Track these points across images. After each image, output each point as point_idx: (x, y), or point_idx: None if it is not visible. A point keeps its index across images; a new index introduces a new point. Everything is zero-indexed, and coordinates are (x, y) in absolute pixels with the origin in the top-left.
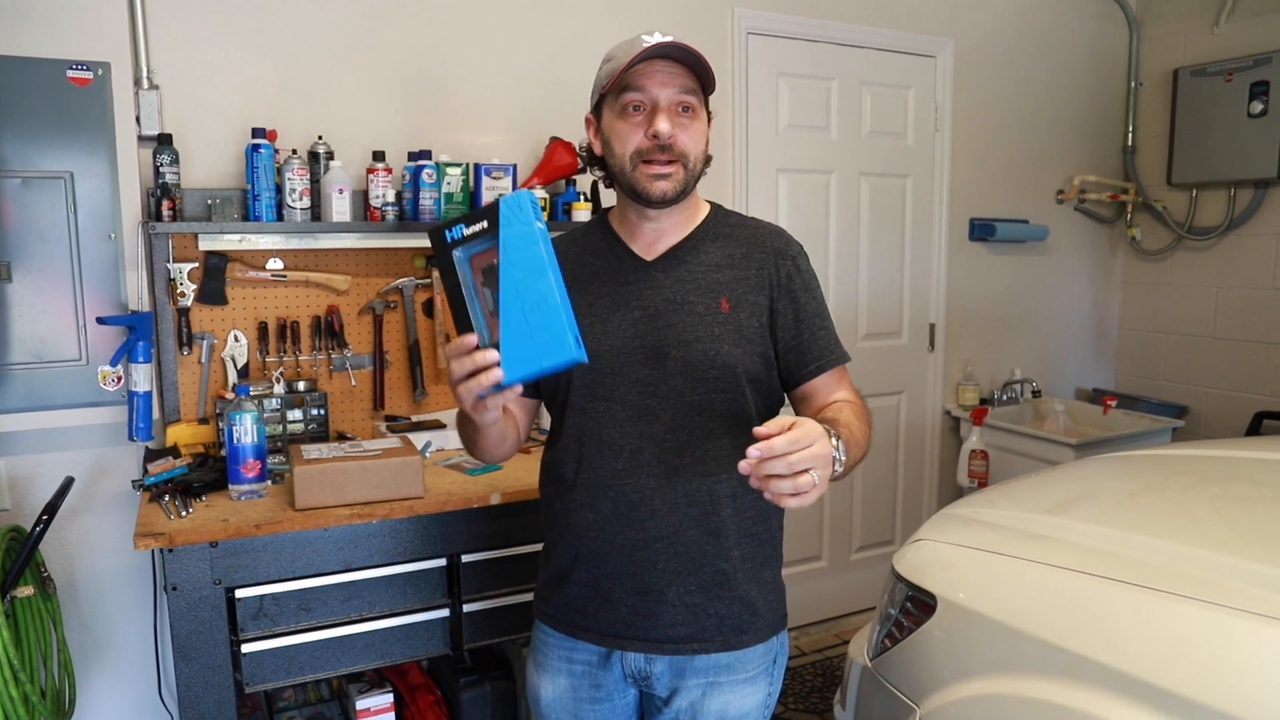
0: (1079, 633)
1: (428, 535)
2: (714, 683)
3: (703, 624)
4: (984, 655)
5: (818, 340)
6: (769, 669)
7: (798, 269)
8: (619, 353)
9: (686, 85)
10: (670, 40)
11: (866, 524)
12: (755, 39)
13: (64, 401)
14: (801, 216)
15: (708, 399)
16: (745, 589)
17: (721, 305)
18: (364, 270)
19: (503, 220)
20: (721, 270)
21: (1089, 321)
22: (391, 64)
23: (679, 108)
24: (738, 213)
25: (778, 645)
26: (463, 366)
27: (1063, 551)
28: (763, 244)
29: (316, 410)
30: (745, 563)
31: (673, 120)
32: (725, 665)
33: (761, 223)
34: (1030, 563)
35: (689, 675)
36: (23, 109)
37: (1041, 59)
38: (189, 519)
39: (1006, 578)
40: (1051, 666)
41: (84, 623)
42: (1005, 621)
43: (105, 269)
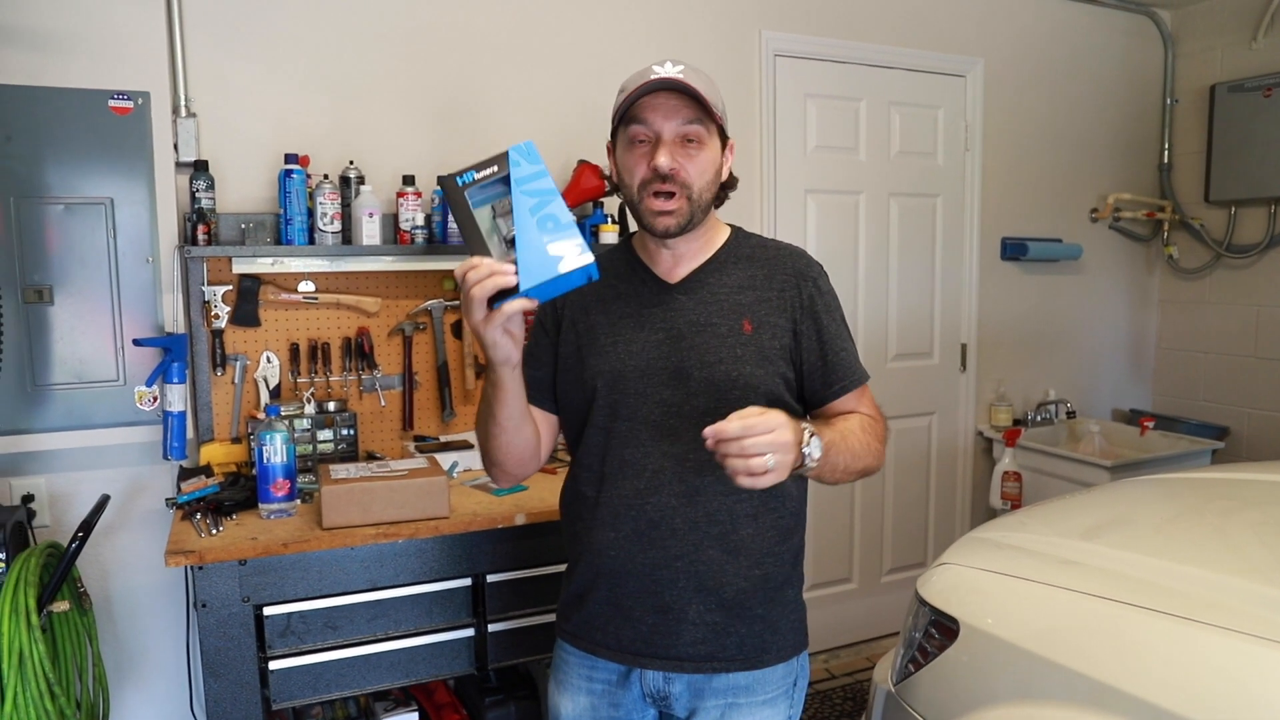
0: (1106, 661)
1: (453, 555)
2: (733, 704)
3: (723, 643)
4: (1007, 681)
5: (840, 362)
6: (789, 691)
7: (819, 290)
8: (642, 373)
9: (690, 116)
10: (670, 76)
11: (897, 546)
12: (783, 61)
13: (102, 421)
14: (830, 237)
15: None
16: (766, 609)
17: (744, 327)
18: (394, 292)
19: (512, 163)
20: (744, 292)
21: (1125, 341)
22: (421, 89)
23: (683, 139)
24: (758, 235)
25: (798, 667)
26: (478, 274)
27: (1091, 577)
28: (784, 266)
29: (346, 430)
30: (766, 582)
31: (674, 153)
32: (744, 686)
33: (782, 244)
34: (1056, 588)
35: (707, 696)
36: (67, 138)
37: (1074, 77)
38: (219, 537)
39: (1031, 603)
40: (1077, 694)
41: (119, 637)
42: (1029, 648)
43: (143, 292)
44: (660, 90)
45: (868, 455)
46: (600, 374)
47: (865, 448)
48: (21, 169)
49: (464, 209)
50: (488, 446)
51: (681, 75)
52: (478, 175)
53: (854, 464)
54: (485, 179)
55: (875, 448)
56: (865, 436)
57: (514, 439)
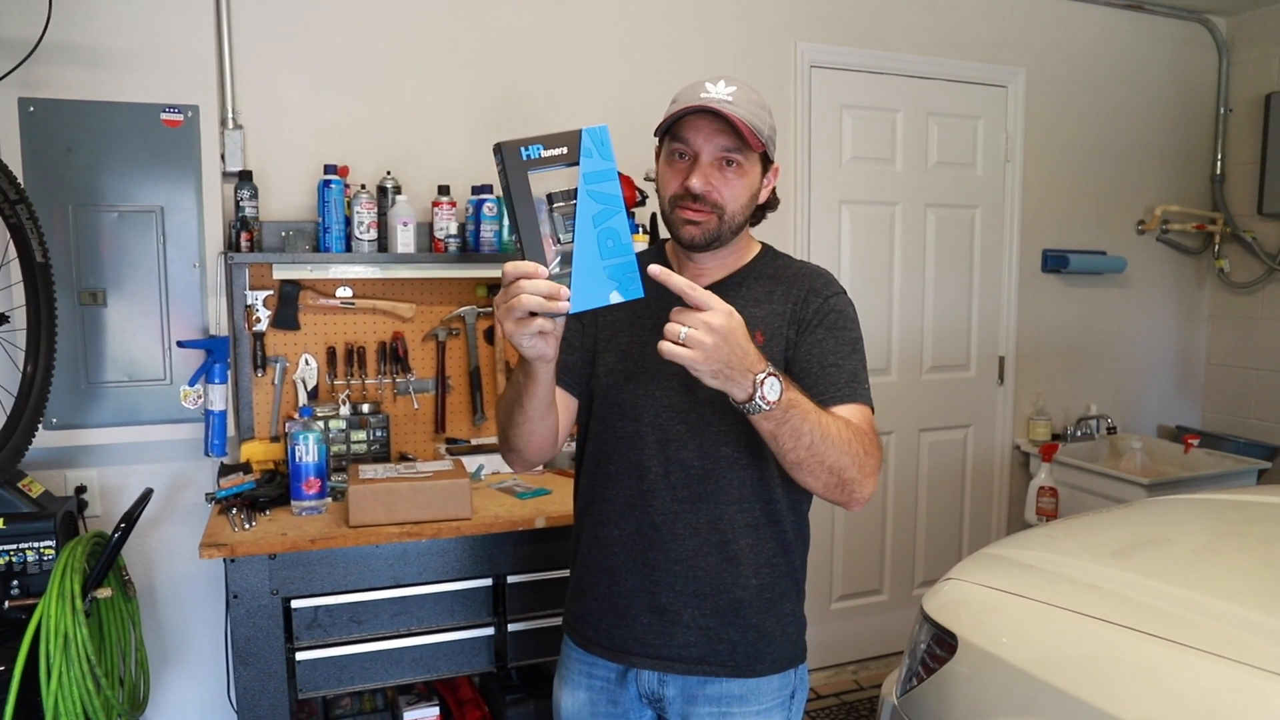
0: (1102, 687)
1: (475, 555)
2: (726, 713)
3: (715, 648)
4: (1003, 699)
5: (832, 376)
6: (785, 703)
7: (830, 307)
8: (652, 375)
9: (729, 144)
10: (714, 100)
11: (930, 558)
12: (819, 72)
13: (149, 418)
14: (865, 248)
15: (734, 430)
16: (760, 619)
17: (757, 338)
18: (428, 299)
19: (584, 151)
20: (760, 305)
21: (1172, 356)
22: (459, 100)
23: (722, 161)
24: (787, 255)
25: (796, 680)
26: (533, 288)
27: (1095, 599)
28: (800, 282)
29: (379, 431)
30: (763, 593)
31: (709, 175)
32: (738, 696)
33: (808, 265)
34: (1057, 609)
35: (701, 703)
36: (121, 149)
37: (1121, 86)
38: (251, 532)
39: (1031, 623)
40: (1070, 718)
41: (161, 624)
42: (1024, 667)
43: (190, 295)
44: (703, 113)
45: (844, 450)
46: (613, 371)
47: (841, 440)
48: (79, 178)
49: (523, 189)
50: (510, 433)
51: (730, 99)
52: (545, 153)
53: (824, 446)
54: (551, 160)
55: (856, 450)
56: (847, 433)
57: (537, 428)
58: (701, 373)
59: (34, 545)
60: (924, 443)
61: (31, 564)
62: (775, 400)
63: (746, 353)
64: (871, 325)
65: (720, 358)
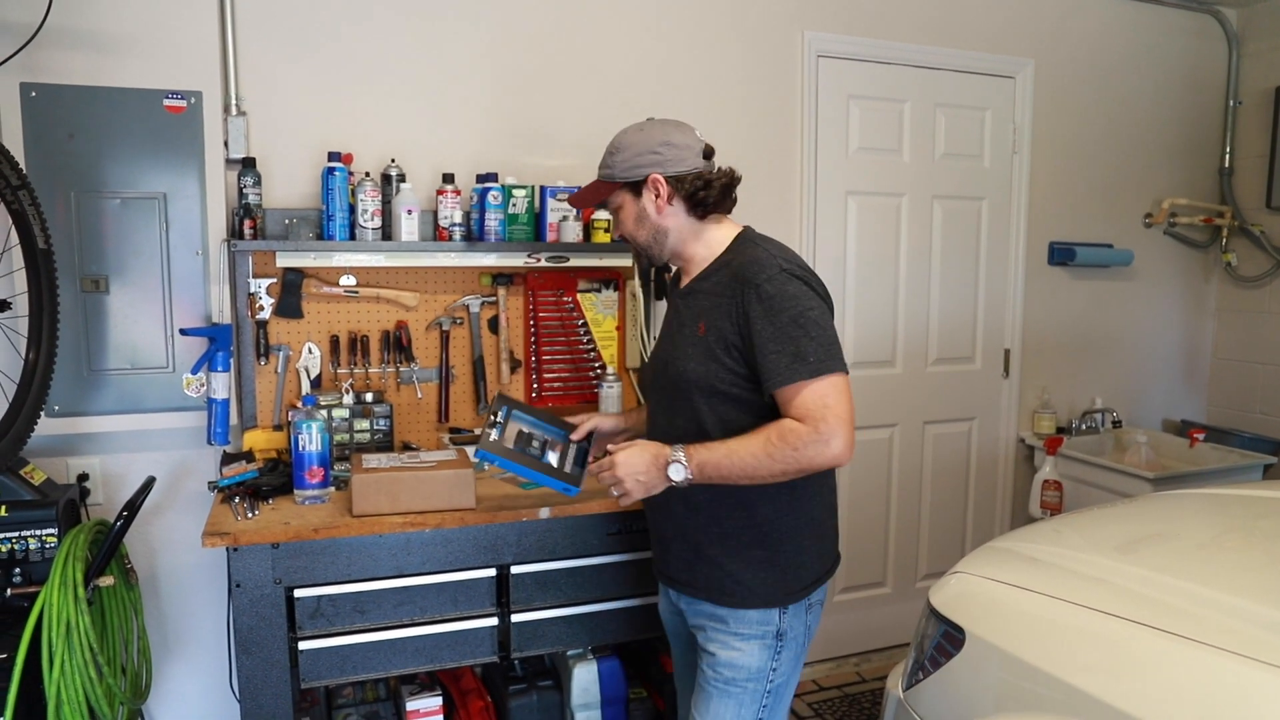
0: (1110, 680)
1: (478, 545)
2: (712, 628)
3: (692, 575)
4: (1009, 694)
5: (766, 364)
6: (768, 639)
7: (757, 296)
8: (655, 360)
9: (595, 206)
10: (573, 200)
11: (933, 552)
12: (825, 62)
13: (152, 405)
14: (871, 239)
15: (680, 404)
16: (726, 559)
17: (699, 329)
18: (432, 287)
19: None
20: (709, 298)
21: (1178, 350)
22: (463, 89)
23: (613, 214)
24: (751, 244)
25: (782, 623)
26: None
27: (1104, 593)
28: (738, 273)
29: (383, 421)
30: (726, 540)
31: (614, 225)
32: (721, 618)
33: (754, 253)
34: (1064, 602)
35: (693, 615)
36: (124, 135)
37: (1130, 77)
38: (254, 520)
39: (1037, 617)
40: (1078, 712)
41: (163, 612)
42: (1032, 661)
43: (192, 283)
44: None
45: (772, 462)
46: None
47: (764, 456)
48: (82, 165)
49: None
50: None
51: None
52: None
53: (755, 471)
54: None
55: (784, 453)
56: (767, 446)
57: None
58: (633, 494)
59: (36, 533)
60: (928, 435)
61: (34, 552)
62: (686, 476)
63: (647, 464)
64: (877, 317)
65: (632, 481)
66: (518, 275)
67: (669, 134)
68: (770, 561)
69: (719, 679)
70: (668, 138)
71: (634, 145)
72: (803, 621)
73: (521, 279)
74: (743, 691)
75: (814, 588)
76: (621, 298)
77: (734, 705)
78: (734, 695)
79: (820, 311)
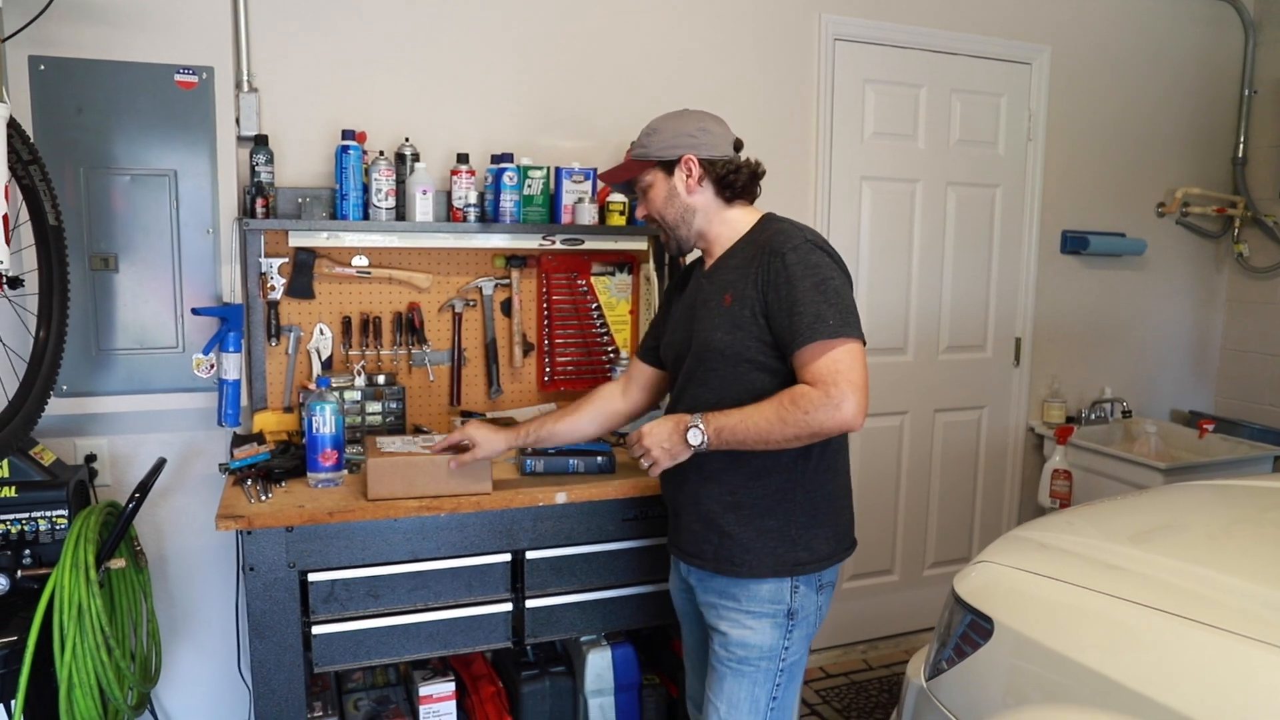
0: (1142, 670)
1: (494, 530)
2: (721, 606)
3: (701, 546)
4: (1039, 684)
5: (788, 326)
6: (779, 617)
7: (784, 263)
8: (675, 340)
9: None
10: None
11: (941, 540)
12: (842, 45)
13: (161, 386)
14: (885, 226)
15: (707, 374)
16: (737, 529)
17: (725, 300)
18: (445, 269)
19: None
20: (734, 271)
21: (1188, 340)
22: (476, 68)
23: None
24: (775, 224)
25: (794, 602)
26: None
27: (1133, 583)
28: (764, 246)
29: (395, 403)
30: (737, 508)
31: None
32: (731, 593)
33: (781, 228)
34: (1096, 593)
35: (704, 593)
36: (134, 110)
37: (1145, 65)
38: (268, 503)
39: (1068, 607)
40: (1109, 702)
41: (172, 595)
42: (1064, 652)
43: (203, 262)
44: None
45: (784, 426)
46: (667, 343)
47: (778, 420)
48: (91, 140)
49: None
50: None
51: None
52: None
53: (770, 436)
54: None
55: (796, 417)
56: (780, 411)
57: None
58: (661, 462)
59: (46, 514)
60: (939, 423)
61: (44, 533)
62: (703, 440)
63: (669, 432)
64: (889, 304)
65: (658, 450)
66: (531, 257)
67: (705, 122)
68: (782, 532)
69: (732, 658)
70: (704, 124)
71: (671, 128)
72: (814, 601)
73: (535, 261)
74: (756, 670)
75: (826, 565)
76: (636, 281)
77: (748, 684)
78: (748, 675)
79: (841, 282)
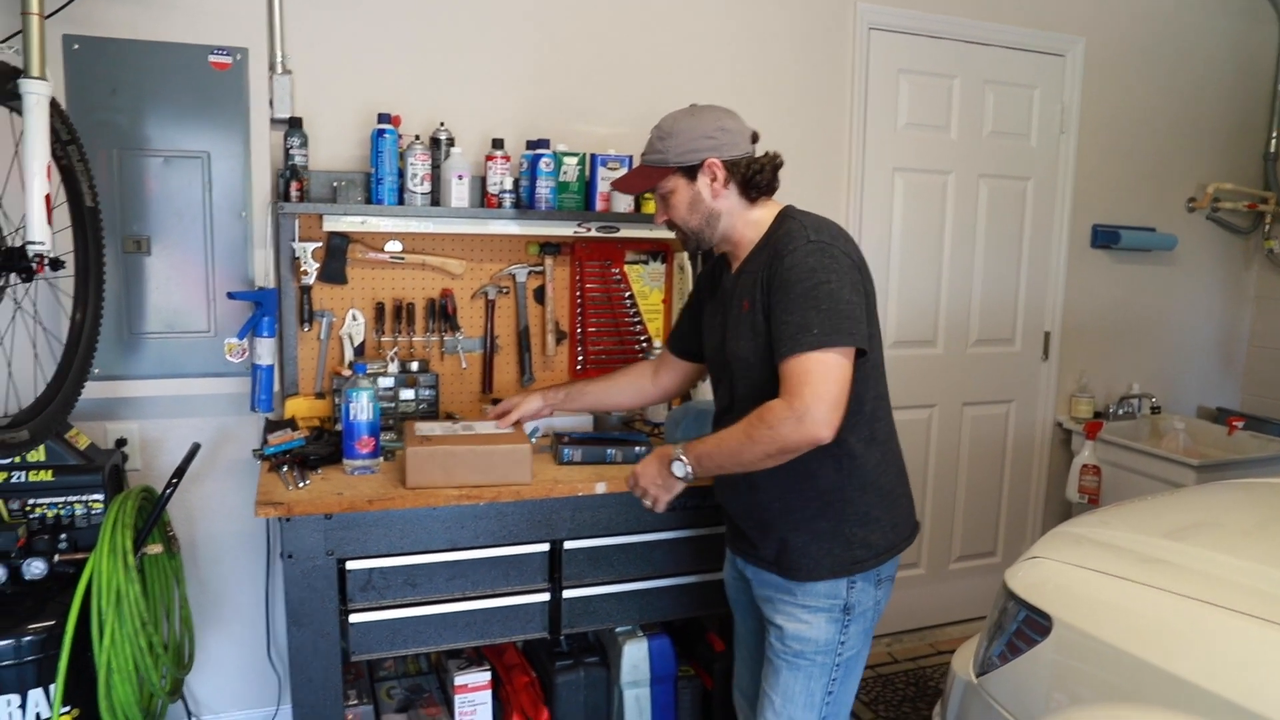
0: (1208, 666)
1: (532, 520)
2: (778, 599)
3: (754, 545)
4: (1102, 682)
5: (779, 333)
6: (835, 612)
7: (782, 266)
8: (710, 344)
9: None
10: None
11: (968, 534)
12: (877, 34)
13: (192, 370)
14: (916, 217)
15: (737, 382)
16: (788, 532)
17: (744, 307)
18: (479, 255)
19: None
20: (750, 276)
21: (1216, 337)
22: (511, 52)
23: (660, 200)
24: (789, 219)
25: (849, 597)
26: None
27: (1192, 580)
28: (773, 248)
29: (428, 390)
30: (787, 513)
31: (659, 209)
32: (787, 588)
33: (786, 228)
34: (1156, 589)
35: (760, 585)
36: (167, 91)
37: (1179, 59)
38: (306, 490)
39: (1130, 603)
40: (1174, 699)
41: (202, 581)
42: (1127, 648)
43: (235, 246)
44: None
45: (751, 446)
46: (706, 346)
47: (746, 441)
48: (124, 121)
49: None
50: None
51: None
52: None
53: (744, 457)
54: None
55: (760, 435)
56: (747, 430)
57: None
58: (660, 499)
59: (82, 499)
60: (966, 416)
61: (80, 518)
62: (687, 471)
63: (656, 470)
64: (920, 296)
65: (654, 488)
66: (565, 245)
67: (721, 119)
68: (835, 532)
69: (788, 652)
70: (721, 123)
71: (688, 130)
72: (871, 596)
73: (569, 249)
74: (812, 664)
75: (884, 559)
76: (669, 270)
77: (804, 678)
78: (803, 669)
79: (838, 284)
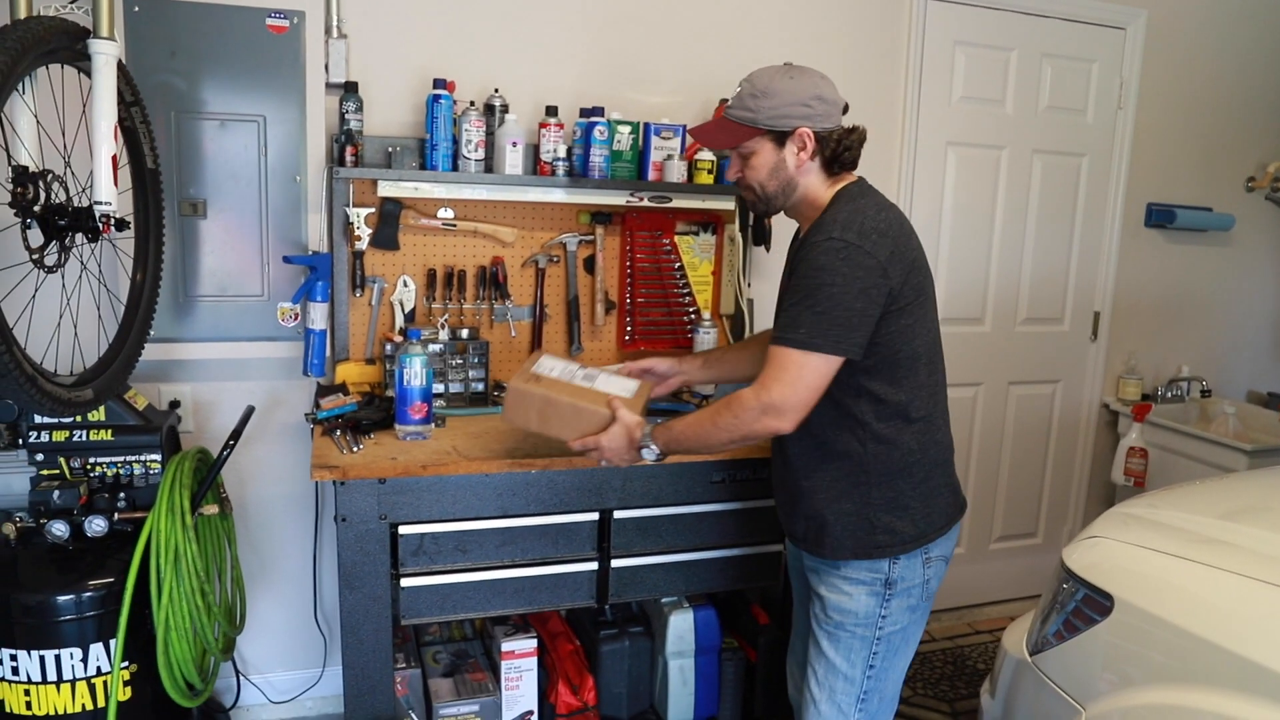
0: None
1: (583, 489)
2: (822, 569)
3: (794, 526)
4: (1165, 662)
5: (776, 316)
6: (876, 585)
7: (806, 254)
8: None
9: (723, 147)
10: (691, 131)
11: (1009, 514)
12: (934, 5)
13: (246, 334)
14: (968, 193)
15: None
16: (817, 510)
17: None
18: (530, 224)
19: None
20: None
21: (1270, 321)
22: (567, 21)
23: (737, 156)
24: (840, 202)
25: (891, 572)
26: None
27: (1258, 563)
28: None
29: (478, 358)
30: (817, 491)
31: (735, 165)
32: (829, 567)
33: (830, 215)
34: (1218, 570)
35: (806, 556)
36: (225, 54)
37: (1242, 33)
38: (360, 455)
39: (1194, 585)
40: (1243, 682)
41: (253, 543)
42: (1191, 629)
43: (289, 210)
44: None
45: (717, 431)
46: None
47: (714, 427)
48: (182, 84)
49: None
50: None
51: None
52: None
53: (712, 442)
54: None
55: (726, 422)
56: (714, 416)
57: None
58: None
59: (140, 458)
60: (1012, 395)
61: (138, 477)
62: (655, 455)
63: (624, 446)
64: (969, 273)
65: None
66: (616, 214)
67: (819, 87)
68: (859, 514)
69: (829, 622)
70: (819, 91)
71: (784, 93)
72: (918, 574)
73: (620, 218)
74: (851, 636)
75: (910, 547)
76: (719, 242)
77: (844, 649)
78: (843, 640)
79: (843, 289)
